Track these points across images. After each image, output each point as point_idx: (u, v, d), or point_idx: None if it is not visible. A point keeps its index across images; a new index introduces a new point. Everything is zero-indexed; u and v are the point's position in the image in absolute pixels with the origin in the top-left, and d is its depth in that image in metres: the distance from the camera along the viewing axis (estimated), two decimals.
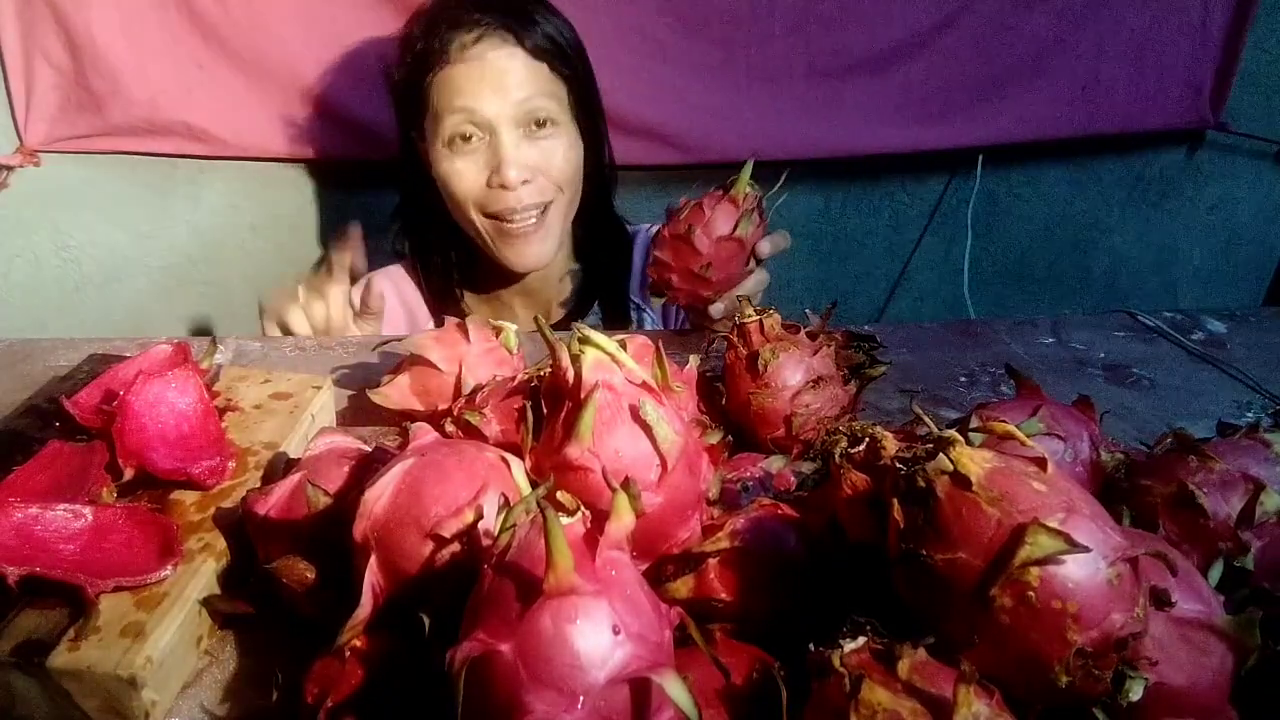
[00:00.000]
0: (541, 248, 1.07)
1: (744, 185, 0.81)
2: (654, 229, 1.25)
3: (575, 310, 1.18)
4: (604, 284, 1.20)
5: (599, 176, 1.14)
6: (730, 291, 0.83)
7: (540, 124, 1.01)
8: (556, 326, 1.06)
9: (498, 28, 0.99)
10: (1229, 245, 1.85)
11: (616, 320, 1.17)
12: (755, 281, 0.85)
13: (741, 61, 1.46)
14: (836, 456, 0.44)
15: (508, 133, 1.00)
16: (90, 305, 1.47)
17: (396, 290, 1.17)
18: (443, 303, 1.16)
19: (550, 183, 1.04)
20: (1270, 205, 1.81)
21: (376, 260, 1.19)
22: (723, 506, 0.53)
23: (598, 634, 0.34)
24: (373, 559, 0.43)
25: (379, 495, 0.44)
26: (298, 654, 0.45)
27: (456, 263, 1.16)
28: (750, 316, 0.67)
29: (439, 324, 1.14)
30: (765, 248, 0.83)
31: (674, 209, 0.82)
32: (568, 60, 1.04)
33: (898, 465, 0.40)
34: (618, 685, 0.34)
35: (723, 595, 0.46)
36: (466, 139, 1.01)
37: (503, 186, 1.01)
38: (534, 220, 1.04)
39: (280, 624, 0.50)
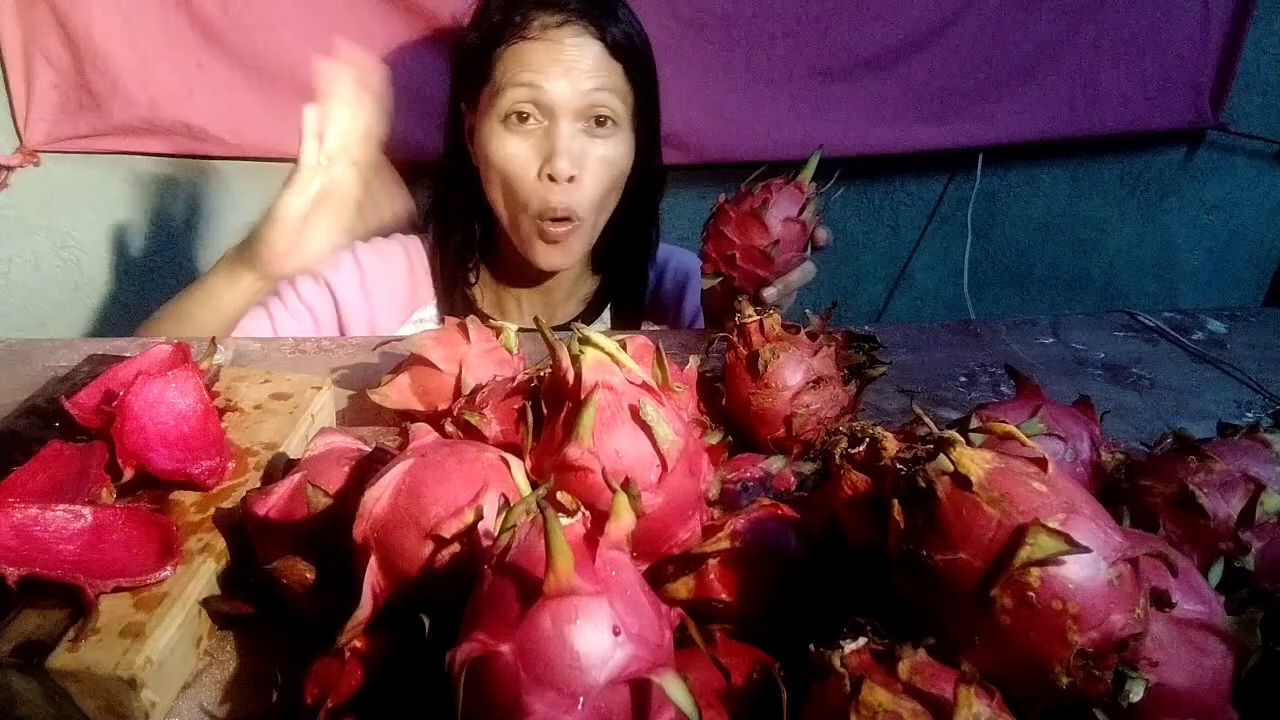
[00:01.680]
0: (564, 253, 1.04)
1: (809, 174, 0.82)
2: (671, 248, 1.24)
3: (583, 317, 1.17)
4: (618, 296, 1.19)
5: (645, 191, 1.11)
6: (785, 276, 0.83)
7: (600, 122, 0.99)
8: (557, 328, 1.06)
9: (583, 15, 0.97)
10: (1229, 245, 1.85)
11: (625, 330, 1.16)
12: (804, 271, 0.85)
13: (741, 61, 1.46)
14: (836, 457, 0.44)
15: (567, 122, 0.97)
16: (90, 305, 1.47)
17: (408, 260, 1.15)
18: (451, 285, 1.14)
19: (594, 186, 1.01)
20: (1270, 205, 1.81)
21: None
22: (723, 507, 0.53)
23: (598, 635, 0.34)
24: (373, 560, 0.43)
25: (379, 496, 0.44)
26: (298, 654, 0.44)
27: (476, 245, 1.14)
28: (750, 317, 0.67)
29: (441, 304, 1.15)
30: (823, 235, 0.83)
31: (730, 197, 0.82)
32: (641, 66, 1.02)
33: (898, 466, 0.40)
34: (618, 686, 0.34)
35: (723, 596, 0.46)
36: (524, 119, 0.98)
37: (550, 178, 0.97)
38: (571, 225, 1.02)
39: (280, 624, 0.50)
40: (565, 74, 0.96)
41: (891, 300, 1.78)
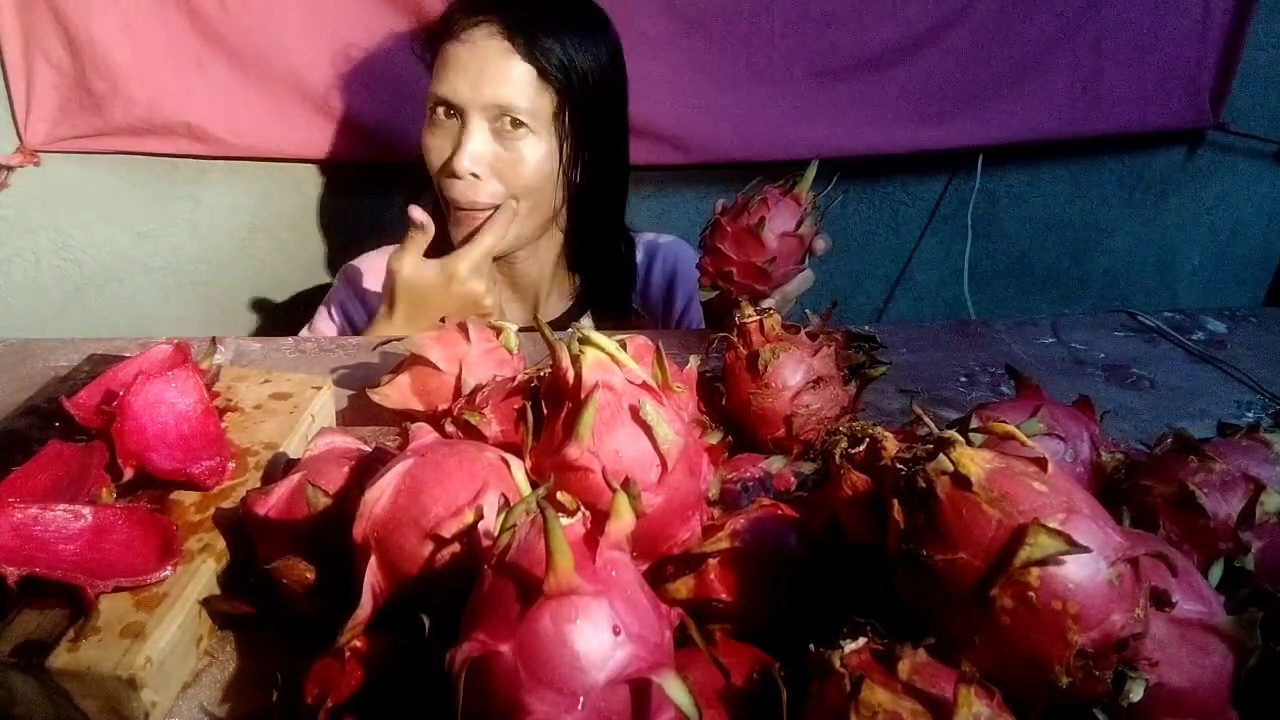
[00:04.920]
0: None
1: (807, 184, 0.81)
2: (658, 238, 1.25)
3: (568, 315, 1.18)
4: (602, 291, 1.20)
5: (602, 194, 1.13)
6: (782, 287, 0.83)
7: (515, 124, 1.01)
8: (554, 327, 1.06)
9: (499, 21, 1.00)
10: (1229, 245, 1.85)
11: (612, 328, 1.17)
12: (802, 280, 0.85)
13: (741, 61, 1.45)
14: (836, 457, 0.44)
15: (475, 122, 1.00)
16: (90, 305, 1.47)
17: None
18: None
19: (504, 187, 1.02)
20: (1270, 205, 1.81)
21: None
22: (723, 507, 0.53)
23: (598, 634, 0.34)
24: (373, 559, 0.43)
25: (379, 496, 0.44)
26: (298, 654, 0.44)
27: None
28: (750, 317, 0.67)
29: None
30: (820, 245, 0.84)
31: (729, 205, 0.82)
32: (568, 74, 1.02)
33: (898, 466, 0.40)
34: (618, 686, 0.34)
35: (723, 595, 0.46)
36: (446, 115, 1.02)
37: (452, 174, 1.01)
38: (481, 218, 1.03)
39: (280, 624, 0.50)
40: (473, 76, 0.99)
41: (891, 300, 1.78)
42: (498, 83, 0.99)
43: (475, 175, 1.01)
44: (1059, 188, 1.72)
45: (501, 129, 1.01)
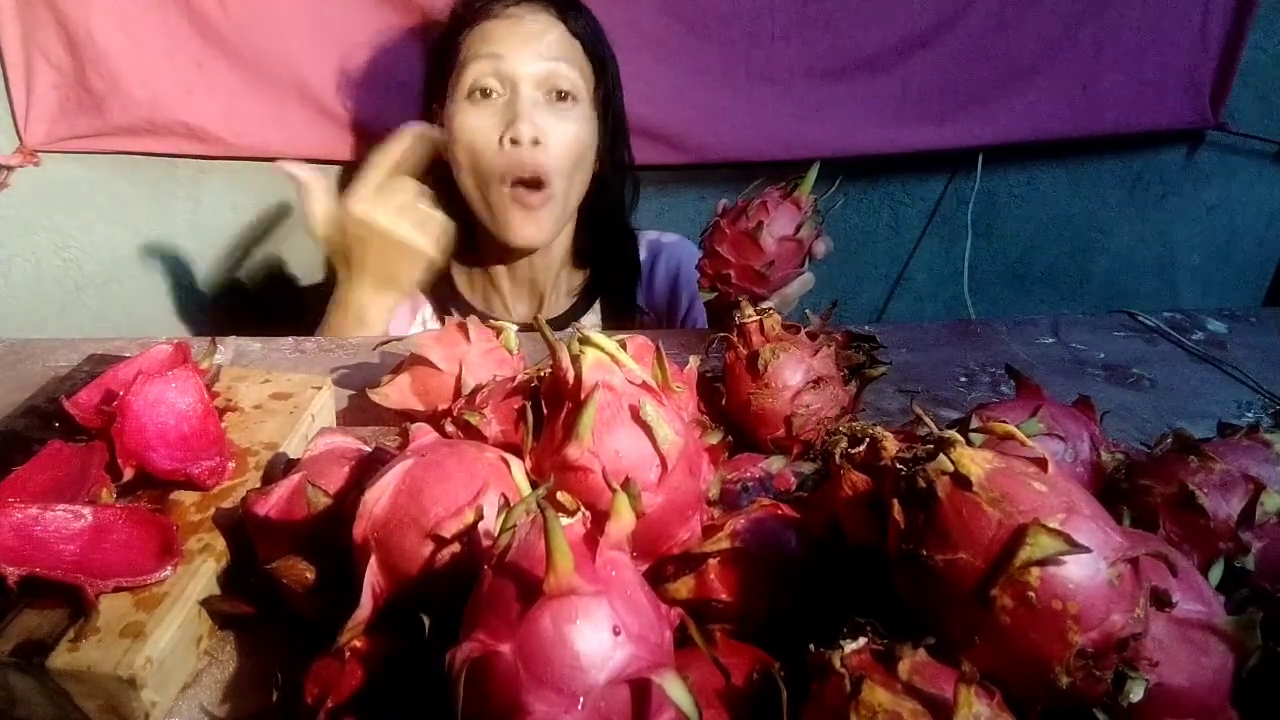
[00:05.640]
0: (539, 224, 1.06)
1: (808, 187, 0.81)
2: (661, 236, 1.25)
3: (574, 310, 1.18)
4: (606, 288, 1.20)
5: (612, 183, 1.14)
6: (781, 290, 0.83)
7: (561, 97, 1.02)
8: (555, 325, 1.06)
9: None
10: (1229, 245, 1.85)
11: (617, 325, 1.17)
12: (802, 282, 0.85)
13: (741, 61, 1.45)
14: (836, 457, 0.44)
15: (528, 91, 1.01)
16: (90, 305, 1.47)
17: None
18: (437, 282, 1.15)
19: (559, 155, 1.02)
20: (1270, 205, 1.81)
21: None
22: (723, 507, 0.53)
23: (598, 634, 0.34)
24: (373, 559, 0.43)
25: (379, 496, 0.44)
26: (298, 654, 0.45)
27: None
28: (750, 317, 0.67)
29: (432, 300, 1.15)
30: (821, 248, 0.83)
31: (729, 208, 0.82)
32: (601, 56, 1.06)
33: (898, 466, 0.40)
34: (618, 686, 0.34)
35: (723, 595, 0.46)
36: (487, 94, 1.02)
37: (514, 142, 1.00)
38: (541, 194, 1.03)
39: (280, 624, 0.50)
40: (525, 44, 1.00)
41: (891, 300, 1.78)
42: (552, 51, 1.01)
43: (537, 142, 1.00)
44: (1059, 188, 1.72)
45: (550, 100, 1.02)
